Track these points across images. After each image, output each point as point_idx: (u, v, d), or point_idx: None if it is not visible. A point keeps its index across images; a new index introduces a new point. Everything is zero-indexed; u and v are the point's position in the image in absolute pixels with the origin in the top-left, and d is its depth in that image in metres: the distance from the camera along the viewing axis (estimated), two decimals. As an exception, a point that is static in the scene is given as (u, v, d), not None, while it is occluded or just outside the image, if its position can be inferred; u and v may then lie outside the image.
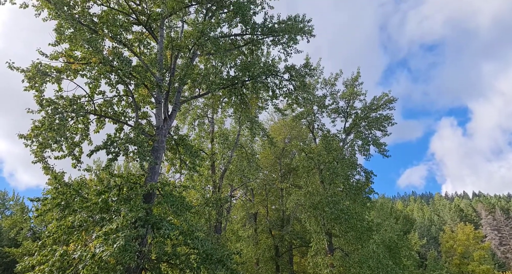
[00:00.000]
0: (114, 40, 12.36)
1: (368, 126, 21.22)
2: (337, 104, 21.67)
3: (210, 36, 12.28)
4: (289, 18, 13.73)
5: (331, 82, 21.67)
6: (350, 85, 21.67)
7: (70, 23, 11.10)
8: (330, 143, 20.27)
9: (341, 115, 21.77)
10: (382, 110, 21.29)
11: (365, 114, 21.31)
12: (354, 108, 21.72)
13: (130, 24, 12.85)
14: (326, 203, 18.11)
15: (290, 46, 13.88)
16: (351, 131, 21.45)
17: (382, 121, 20.97)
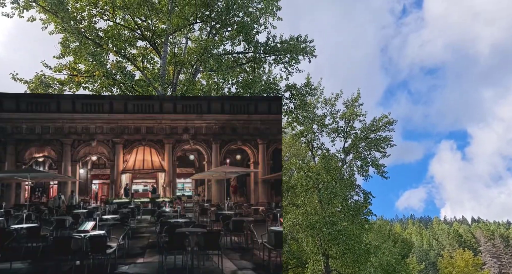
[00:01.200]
0: (118, 55, 12.71)
1: (367, 147, 21.47)
2: (337, 124, 21.99)
3: (213, 53, 12.62)
4: (292, 38, 14.13)
5: (332, 102, 22.09)
6: (350, 106, 22.06)
7: (76, 37, 11.47)
8: (329, 162, 20.37)
9: (341, 135, 22.02)
10: (381, 131, 21.61)
11: (364, 135, 21.60)
12: (354, 128, 22.03)
13: (134, 39, 13.28)
14: (324, 223, 17.97)
15: (291, 65, 14.26)
16: (350, 151, 21.70)
17: (382, 142, 21.23)
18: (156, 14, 12.88)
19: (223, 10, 13.43)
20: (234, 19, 13.81)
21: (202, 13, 13.63)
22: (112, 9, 12.82)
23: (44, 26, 12.37)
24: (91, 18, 12.71)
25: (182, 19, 12.85)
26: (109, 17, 13.00)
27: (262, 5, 13.97)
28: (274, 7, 14.10)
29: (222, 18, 13.45)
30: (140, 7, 12.44)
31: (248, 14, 13.65)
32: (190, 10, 13.03)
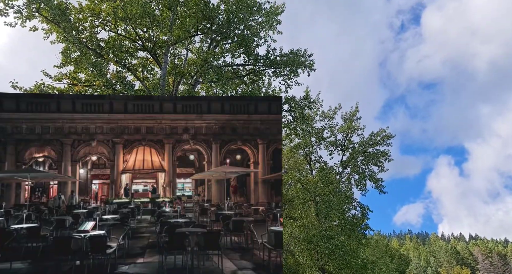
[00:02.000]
0: (119, 65, 12.92)
1: (365, 161, 21.64)
2: (335, 137, 22.13)
3: (213, 65, 12.84)
4: (291, 51, 14.41)
5: (330, 115, 22.24)
6: (349, 120, 22.23)
7: (77, 46, 11.68)
8: (327, 175, 20.43)
9: (339, 149, 22.17)
10: (379, 146, 21.73)
11: (362, 149, 21.75)
12: (352, 142, 22.16)
13: (135, 50, 13.55)
14: (321, 237, 17.95)
15: (291, 78, 14.53)
16: (348, 165, 21.87)
17: (379, 157, 21.36)
18: (157, 25, 13.06)
19: (224, 23, 13.73)
20: (235, 32, 14.14)
21: (203, 25, 13.89)
22: (114, 20, 13.03)
23: (46, 35, 12.59)
24: (93, 28, 12.94)
25: (183, 31, 13.10)
26: (111, 28, 13.22)
27: (263, 19, 14.25)
28: (275, 21, 14.44)
29: (223, 30, 13.74)
30: (141, 19, 12.63)
31: (249, 27, 13.96)
32: (191, 22, 13.26)
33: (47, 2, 11.69)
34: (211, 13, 13.46)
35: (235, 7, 13.52)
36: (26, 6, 11.71)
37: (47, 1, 11.69)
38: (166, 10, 13.36)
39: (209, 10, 13.43)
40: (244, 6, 13.51)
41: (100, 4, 13.03)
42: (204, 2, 13.36)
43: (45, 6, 11.68)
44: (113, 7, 12.58)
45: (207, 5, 13.44)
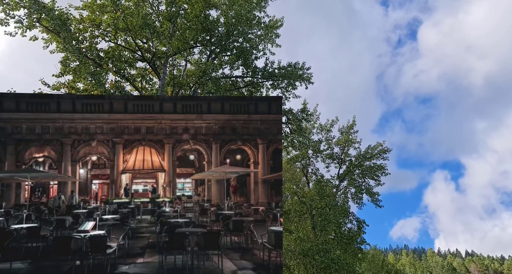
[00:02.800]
0: (118, 75, 13.15)
1: (361, 175, 21.80)
2: (332, 150, 22.28)
3: (212, 76, 13.09)
4: (289, 64, 14.73)
5: (327, 128, 22.35)
6: (346, 133, 22.34)
7: (77, 56, 11.92)
8: (324, 188, 20.44)
9: (335, 162, 22.41)
10: (376, 159, 21.87)
11: (359, 162, 21.92)
12: (349, 155, 22.39)
13: (134, 60, 13.78)
14: (317, 250, 17.90)
15: (288, 90, 14.84)
16: (344, 178, 22.01)
17: (376, 170, 21.48)
18: (157, 37, 13.28)
19: (223, 36, 14.04)
20: (234, 44, 14.48)
21: (202, 37, 14.23)
22: (114, 31, 13.20)
23: (46, 45, 12.80)
24: (93, 39, 13.18)
25: (183, 42, 13.40)
26: (111, 39, 13.41)
27: (262, 32, 14.61)
28: (273, 35, 14.80)
29: (222, 43, 14.04)
30: (142, 30, 12.85)
31: (248, 40, 14.27)
32: (191, 34, 13.53)
33: (48, 12, 11.87)
34: (211, 26, 13.78)
35: (235, 20, 13.82)
36: (27, 16, 11.93)
37: (48, 12, 11.87)
38: (166, 22, 13.63)
39: (208, 23, 13.74)
40: (244, 20, 13.80)
41: (101, 15, 13.25)
42: (204, 15, 13.66)
43: (46, 17, 11.90)
44: (113, 18, 12.77)
45: (207, 18, 13.76)
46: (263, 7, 14.35)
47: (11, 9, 11.76)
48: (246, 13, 13.75)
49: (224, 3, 14.06)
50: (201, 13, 13.49)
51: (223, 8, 13.92)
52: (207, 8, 13.77)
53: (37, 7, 11.73)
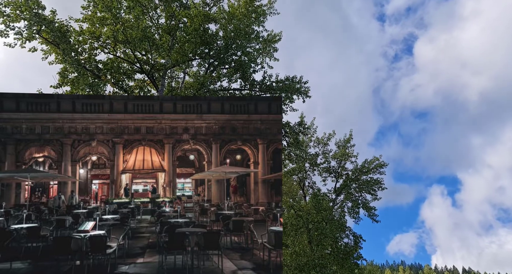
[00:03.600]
0: (116, 86, 13.37)
1: (358, 189, 21.82)
2: (328, 163, 22.30)
3: (210, 89, 13.26)
4: (287, 78, 14.96)
5: (324, 142, 22.36)
6: (342, 146, 22.35)
7: (75, 68, 12.19)
8: (320, 202, 20.35)
9: (332, 175, 22.39)
10: (372, 174, 21.87)
11: (356, 176, 21.92)
12: (345, 169, 22.38)
13: (133, 72, 14.07)
14: (313, 265, 17.82)
15: (286, 104, 14.89)
16: (341, 192, 22.00)
17: (373, 185, 21.50)
18: (156, 49, 13.49)
19: (222, 49, 14.35)
20: (232, 57, 14.77)
21: (201, 50, 14.40)
22: (114, 43, 13.42)
23: (45, 56, 13.04)
24: (92, 50, 13.39)
25: (182, 55, 13.69)
26: (110, 51, 13.66)
27: (260, 46, 14.87)
28: (272, 49, 15.15)
29: (220, 56, 14.33)
30: (141, 42, 13.07)
31: (246, 53, 14.54)
32: (190, 47, 13.70)
33: (49, 24, 12.05)
34: (210, 39, 14.03)
35: (233, 34, 14.08)
36: (27, 28, 12.10)
37: (48, 24, 12.04)
38: (165, 35, 13.88)
39: (207, 36, 13.98)
40: (242, 33, 14.05)
41: (101, 27, 13.44)
42: (203, 29, 13.88)
43: (46, 28, 12.05)
44: (113, 30, 12.94)
45: (206, 31, 13.98)
46: (262, 22, 14.62)
47: (12, 21, 11.99)
48: (245, 27, 14.03)
49: (223, 17, 14.36)
50: (200, 26, 13.74)
51: (222, 22, 14.20)
52: (206, 22, 14.03)
53: (37, 19, 11.92)
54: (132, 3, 13.50)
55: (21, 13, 12.00)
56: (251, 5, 14.10)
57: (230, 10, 14.30)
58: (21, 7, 12.01)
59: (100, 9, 13.23)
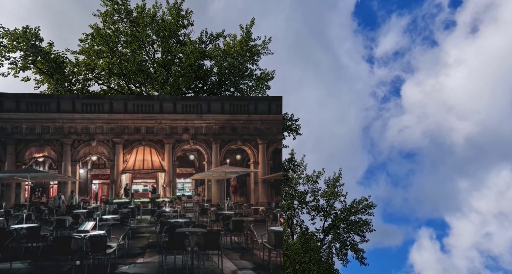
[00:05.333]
0: None
1: (347, 229, 21.28)
2: (317, 202, 21.71)
3: None
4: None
5: (313, 180, 21.93)
6: (331, 185, 21.85)
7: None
8: (308, 241, 19.93)
9: (321, 214, 21.78)
10: (361, 214, 21.42)
11: (344, 216, 21.38)
12: (334, 208, 21.74)
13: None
14: None
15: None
16: (329, 232, 21.40)
17: (361, 226, 21.02)
18: (150, 82, 13.73)
19: (215, 84, 14.84)
20: (226, 93, 14.95)
21: (195, 85, 14.75)
22: (108, 75, 13.73)
23: (37, 85, 13.39)
24: (86, 81, 13.72)
25: (175, 88, 14.04)
26: (104, 82, 14.06)
27: (253, 83, 15.12)
28: (264, 86, 15.28)
29: (214, 91, 14.43)
30: (136, 75, 13.39)
31: (239, 90, 15.10)
32: (184, 81, 14.00)
33: (45, 55, 12.15)
34: (204, 75, 14.41)
35: (227, 71, 14.42)
36: (23, 59, 12.24)
37: (44, 55, 12.14)
38: (160, 69, 14.09)
39: (202, 72, 14.35)
40: (236, 71, 14.40)
41: (97, 59, 13.67)
42: (198, 64, 14.23)
43: (41, 59, 12.14)
44: (109, 63, 13.18)
45: (200, 67, 14.38)
46: (256, 60, 14.87)
47: (8, 51, 12.16)
48: (239, 65, 14.34)
49: (218, 54, 14.65)
50: (196, 62, 14.07)
51: (217, 59, 14.49)
52: (202, 58, 14.38)
53: (34, 50, 12.12)
54: (130, 38, 13.76)
55: (18, 44, 12.18)
56: (246, 45, 14.42)
57: (225, 48, 14.62)
58: (19, 38, 12.23)
59: (98, 42, 13.51)
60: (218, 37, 14.88)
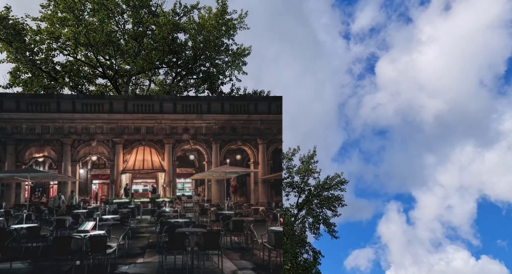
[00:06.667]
0: (74, 90, 12.91)
1: (320, 205, 21.88)
2: (292, 179, 22.29)
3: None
4: (255, 92, 15.05)
5: (289, 157, 22.44)
6: (306, 162, 22.39)
7: (29, 68, 11.45)
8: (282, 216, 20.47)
9: (295, 190, 22.30)
10: (334, 190, 22.02)
11: (317, 192, 21.94)
12: (308, 184, 22.27)
13: (94, 77, 13.56)
14: None
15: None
16: (303, 207, 22.01)
17: (333, 201, 21.65)
18: (121, 55, 12.98)
19: (190, 59, 14.09)
20: (201, 68, 14.50)
21: (169, 59, 14.12)
22: (75, 45, 12.82)
23: None
24: (49, 51, 12.65)
25: (148, 62, 13.24)
26: (70, 53, 13.08)
27: (229, 59, 14.67)
28: (241, 62, 14.93)
29: (188, 66, 14.20)
30: (105, 47, 12.57)
31: (215, 65, 14.44)
32: (157, 55, 13.36)
33: (1, 21, 11.41)
34: (178, 49, 13.80)
35: (203, 45, 13.87)
36: None
37: (1, 20, 11.41)
38: (131, 41, 13.41)
39: (176, 45, 13.74)
40: (212, 45, 13.88)
41: (61, 28, 12.79)
42: (171, 38, 13.62)
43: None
44: (75, 32, 12.36)
45: (174, 40, 13.75)
46: (232, 35, 14.48)
47: None
48: (214, 39, 13.88)
49: (193, 28, 14.10)
50: (169, 35, 13.48)
51: (191, 32, 13.93)
52: (175, 31, 13.77)
53: None
54: (97, 6, 12.87)
55: None
56: (222, 18, 13.95)
57: (200, 22, 14.00)
58: None
59: (62, 9, 12.53)
60: (193, 10, 14.19)
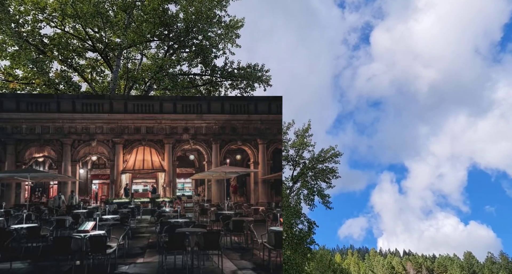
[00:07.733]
0: (64, 64, 12.38)
1: (314, 177, 22.42)
2: (287, 152, 22.84)
3: (169, 72, 12.84)
4: (249, 65, 14.66)
5: (283, 131, 22.74)
6: (301, 136, 23.03)
7: (16, 40, 10.86)
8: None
9: (290, 163, 22.79)
10: (328, 163, 22.52)
11: (312, 165, 22.47)
12: (303, 158, 22.83)
13: (84, 50, 13.04)
14: None
15: (247, 91, 14.92)
16: (298, 180, 22.57)
17: (328, 173, 22.16)
18: (110, 27, 12.42)
19: (182, 32, 13.55)
20: (193, 41, 14.05)
21: (160, 31, 13.64)
22: (62, 17, 12.17)
23: None
24: (36, 23, 12.02)
25: (139, 35, 12.72)
26: (57, 25, 12.41)
27: (222, 31, 14.31)
28: (234, 35, 14.59)
29: (180, 39, 13.67)
30: (93, 18, 11.93)
31: (208, 38, 13.87)
32: (148, 27, 12.94)
33: None
34: (169, 21, 13.32)
35: (195, 17, 13.41)
36: None
37: None
38: (121, 12, 12.90)
39: (167, 17, 13.26)
40: (204, 17, 13.44)
41: None
42: (162, 9, 13.14)
43: None
44: (60, 2, 11.67)
45: (165, 12, 13.25)
46: (224, 6, 14.05)
47: None
48: (206, 11, 13.39)
49: None
50: (160, 6, 12.92)
51: (182, 4, 13.33)
52: (166, 2, 13.19)
53: None
54: None
55: None
56: None
57: None
58: None
59: None
60: (184, -21, 13.51)
